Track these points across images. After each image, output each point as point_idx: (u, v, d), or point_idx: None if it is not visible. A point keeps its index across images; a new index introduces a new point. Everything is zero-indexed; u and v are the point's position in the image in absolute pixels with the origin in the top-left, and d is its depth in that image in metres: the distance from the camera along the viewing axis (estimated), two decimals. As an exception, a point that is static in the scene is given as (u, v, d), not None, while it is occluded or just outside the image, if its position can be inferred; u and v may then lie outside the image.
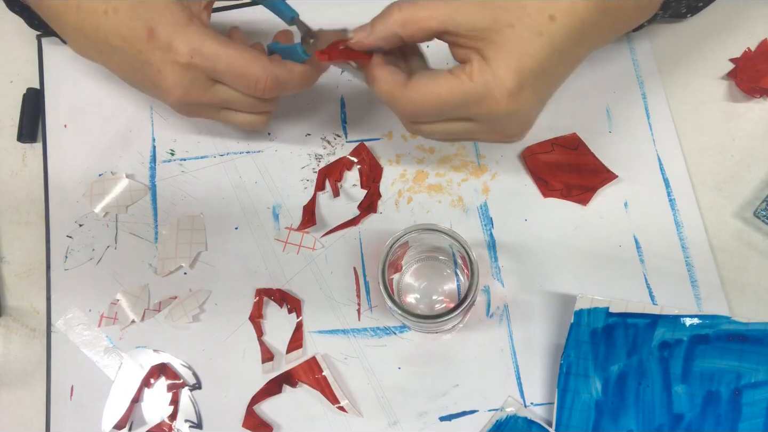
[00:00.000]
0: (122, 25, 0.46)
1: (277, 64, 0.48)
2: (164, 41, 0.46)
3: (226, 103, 0.50)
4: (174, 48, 0.46)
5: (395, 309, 0.46)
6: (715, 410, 0.49)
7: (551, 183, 0.55)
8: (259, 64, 0.47)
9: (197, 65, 0.46)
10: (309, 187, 0.57)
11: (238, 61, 0.46)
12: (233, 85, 0.48)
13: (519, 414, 0.50)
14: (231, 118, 0.52)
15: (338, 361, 0.53)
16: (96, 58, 0.51)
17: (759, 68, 0.57)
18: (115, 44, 0.47)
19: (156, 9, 0.46)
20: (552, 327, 0.52)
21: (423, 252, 0.53)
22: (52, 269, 0.57)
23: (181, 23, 0.46)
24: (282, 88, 0.48)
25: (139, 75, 0.49)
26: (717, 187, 0.55)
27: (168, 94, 0.48)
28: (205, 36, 0.46)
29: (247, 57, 0.46)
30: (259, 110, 0.51)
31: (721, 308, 0.52)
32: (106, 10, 0.46)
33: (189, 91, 0.48)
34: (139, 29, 0.46)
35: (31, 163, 0.60)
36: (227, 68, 0.46)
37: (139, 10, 0.46)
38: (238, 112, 0.51)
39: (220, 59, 0.46)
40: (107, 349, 0.54)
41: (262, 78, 0.47)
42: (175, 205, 0.57)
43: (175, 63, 0.46)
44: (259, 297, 0.54)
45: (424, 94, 0.43)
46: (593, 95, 0.58)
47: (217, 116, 0.52)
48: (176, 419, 0.52)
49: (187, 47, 0.46)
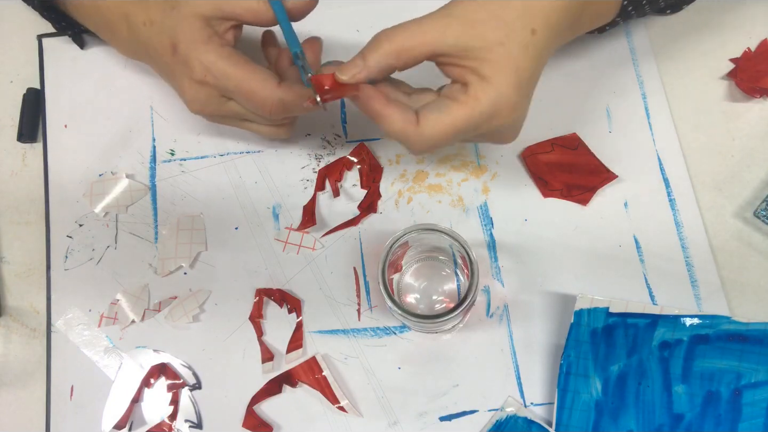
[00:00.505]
0: (154, 38, 0.49)
1: (285, 89, 0.48)
2: (183, 57, 0.47)
3: (242, 116, 0.51)
4: (190, 65, 0.47)
5: (395, 309, 0.46)
6: (715, 410, 0.49)
7: (551, 183, 0.55)
8: (266, 88, 0.47)
9: (209, 83, 0.48)
10: (309, 187, 0.57)
11: (245, 84, 0.47)
12: (243, 104, 0.49)
13: (519, 414, 0.50)
14: (254, 129, 0.53)
15: (338, 361, 0.53)
16: (144, 61, 0.54)
17: (759, 68, 0.57)
18: (151, 53, 0.50)
19: (179, 25, 0.47)
20: (552, 327, 0.52)
21: (423, 252, 0.53)
22: (52, 269, 0.57)
23: (200, 41, 0.47)
24: (289, 111, 0.49)
25: (170, 82, 0.52)
26: (717, 187, 0.55)
27: (188, 106, 0.50)
28: (219, 56, 0.47)
29: (255, 80, 0.47)
30: (278, 123, 0.52)
31: (721, 308, 0.52)
32: (144, 21, 0.49)
33: (205, 106, 0.50)
34: (165, 43, 0.48)
35: (31, 163, 0.60)
36: (236, 88, 0.47)
37: (167, 24, 0.48)
38: (259, 124, 0.52)
39: (229, 80, 0.47)
40: (107, 349, 0.54)
41: (268, 102, 0.48)
42: (175, 205, 0.57)
43: (192, 79, 0.48)
44: (259, 297, 0.54)
45: (439, 129, 0.43)
46: (593, 95, 0.58)
47: (241, 126, 0.53)
48: (176, 419, 0.52)
49: (201, 66, 0.47)
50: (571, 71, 0.59)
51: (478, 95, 0.43)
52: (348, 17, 0.61)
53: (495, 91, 0.43)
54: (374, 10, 0.61)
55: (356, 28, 0.61)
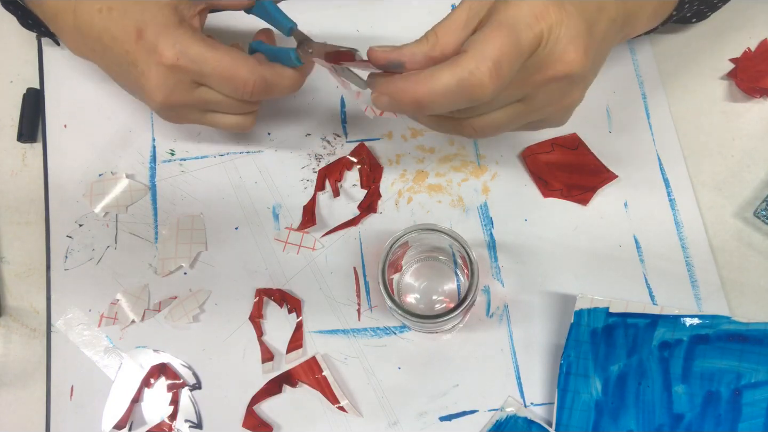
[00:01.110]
0: (114, 24, 0.46)
1: (265, 67, 0.47)
2: (151, 42, 0.46)
3: (210, 105, 0.49)
4: (160, 50, 0.46)
5: (395, 309, 0.46)
6: (715, 410, 0.49)
7: (551, 183, 0.55)
8: (246, 67, 0.46)
9: (182, 67, 0.46)
10: (309, 187, 0.57)
11: (225, 63, 0.46)
12: (219, 88, 0.48)
13: (519, 414, 0.50)
14: (217, 121, 0.51)
15: (338, 361, 0.53)
16: (90, 57, 0.51)
17: (759, 68, 0.57)
18: (106, 43, 0.47)
19: (147, 10, 0.46)
20: (552, 327, 0.52)
21: (423, 252, 0.53)
22: (52, 269, 0.57)
23: (170, 25, 0.46)
24: (269, 92, 0.48)
25: (125, 76, 0.49)
26: (717, 187, 0.55)
27: (151, 96, 0.48)
28: (192, 39, 0.46)
29: (234, 59, 0.46)
30: (245, 111, 0.51)
31: (721, 308, 0.52)
32: (101, 8, 0.47)
33: (172, 93, 0.47)
34: (129, 29, 0.46)
35: (31, 163, 0.60)
36: (214, 71, 0.46)
37: (131, 10, 0.46)
38: (224, 114, 0.51)
39: (207, 62, 0.46)
40: (107, 349, 0.54)
41: (250, 81, 0.47)
42: (175, 205, 0.57)
43: (160, 65, 0.46)
44: (259, 297, 0.54)
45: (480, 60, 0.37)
46: (593, 95, 0.57)
47: (202, 119, 0.51)
48: (176, 419, 0.52)
49: (174, 49, 0.45)
50: (571, 71, 0.58)
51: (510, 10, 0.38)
52: (348, 17, 0.61)
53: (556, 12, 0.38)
54: (374, 10, 0.61)
55: (356, 28, 0.61)
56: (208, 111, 0.51)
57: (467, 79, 0.37)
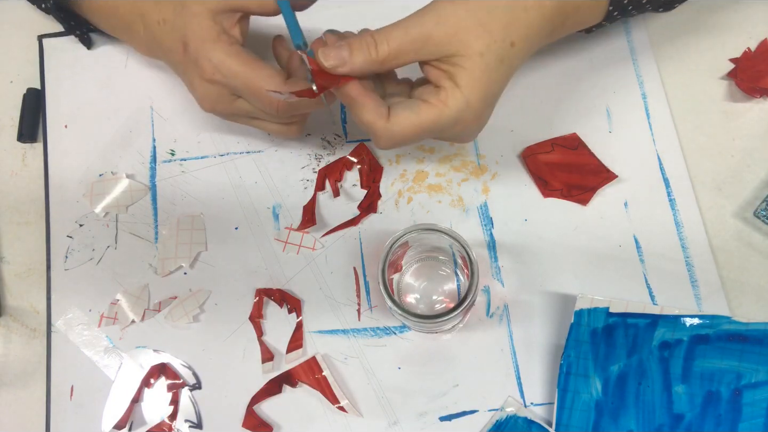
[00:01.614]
0: (167, 36, 0.49)
1: (291, 86, 0.48)
2: (193, 56, 0.48)
3: (251, 113, 0.51)
4: (200, 64, 0.47)
5: (395, 309, 0.46)
6: (715, 410, 0.49)
7: (551, 183, 0.55)
8: (273, 85, 0.47)
9: (218, 82, 0.48)
10: (309, 187, 0.57)
11: (252, 81, 0.47)
12: (251, 102, 0.50)
13: (519, 414, 0.50)
14: (264, 127, 0.53)
15: (338, 361, 0.53)
16: (161, 59, 0.54)
17: (759, 68, 0.57)
18: (166, 52, 0.51)
19: (189, 23, 0.47)
20: (552, 327, 0.52)
21: (423, 252, 0.53)
22: (52, 269, 0.57)
23: (209, 39, 0.47)
24: (295, 109, 0.49)
25: (183, 80, 0.52)
26: (717, 187, 0.55)
27: (200, 104, 0.51)
28: (227, 53, 0.47)
29: (262, 77, 0.47)
30: (288, 121, 0.52)
31: (721, 308, 0.52)
32: (158, 20, 0.50)
33: (216, 103, 0.50)
34: (177, 41, 0.48)
35: (31, 163, 0.60)
36: (244, 86, 0.47)
37: (177, 23, 0.48)
38: (269, 122, 0.52)
39: (237, 78, 0.47)
40: (107, 349, 0.54)
41: (275, 100, 0.48)
42: (175, 205, 0.57)
43: (202, 78, 0.48)
44: (259, 297, 0.54)
45: (406, 126, 0.45)
46: (593, 95, 0.58)
47: (252, 124, 0.53)
48: (176, 419, 0.52)
49: (210, 64, 0.47)
50: (571, 71, 0.59)
51: (448, 101, 0.44)
52: (348, 17, 0.61)
53: (464, 101, 0.44)
54: (374, 10, 0.61)
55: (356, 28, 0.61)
56: (254, 118, 0.52)
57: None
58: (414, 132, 0.45)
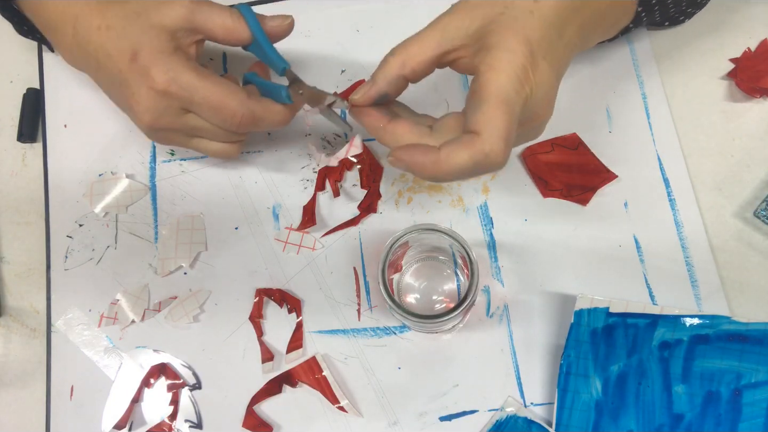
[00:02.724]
0: (110, 43, 0.47)
1: (254, 101, 0.48)
2: (144, 66, 0.46)
3: (196, 131, 0.50)
4: (152, 74, 0.46)
5: (395, 309, 0.46)
6: (715, 410, 0.49)
7: (551, 183, 0.55)
8: (236, 99, 0.47)
9: (173, 94, 0.47)
10: (309, 187, 0.57)
11: (215, 94, 0.47)
12: (207, 117, 0.48)
13: (519, 414, 0.50)
14: (202, 146, 0.52)
15: (338, 361, 0.53)
16: (84, 70, 0.52)
17: (759, 68, 0.57)
18: (101, 60, 0.48)
19: (144, 33, 0.47)
20: (552, 327, 0.52)
21: (423, 252, 0.53)
22: (52, 269, 0.57)
23: (165, 51, 0.47)
24: (257, 125, 0.49)
25: (117, 93, 0.50)
26: (717, 187, 0.55)
27: (139, 117, 0.49)
28: (185, 67, 0.47)
29: (225, 91, 0.47)
30: (231, 140, 0.52)
31: (721, 308, 0.52)
32: (99, 26, 0.47)
33: (160, 117, 0.48)
34: (124, 49, 0.47)
35: (31, 163, 0.60)
36: (204, 100, 0.47)
37: (129, 32, 0.47)
38: (210, 141, 0.52)
39: (197, 91, 0.46)
40: (107, 349, 0.54)
41: (239, 113, 0.47)
42: (175, 205, 0.57)
43: (151, 89, 0.47)
44: (259, 297, 0.54)
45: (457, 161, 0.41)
46: (593, 95, 0.58)
47: (188, 144, 0.52)
48: (176, 419, 0.52)
49: (166, 76, 0.46)
50: (572, 71, 0.58)
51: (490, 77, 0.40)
52: (348, 17, 0.61)
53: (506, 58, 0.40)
54: (374, 10, 0.61)
55: (356, 28, 0.61)
56: (194, 136, 0.51)
57: (484, 159, 0.40)
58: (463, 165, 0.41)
